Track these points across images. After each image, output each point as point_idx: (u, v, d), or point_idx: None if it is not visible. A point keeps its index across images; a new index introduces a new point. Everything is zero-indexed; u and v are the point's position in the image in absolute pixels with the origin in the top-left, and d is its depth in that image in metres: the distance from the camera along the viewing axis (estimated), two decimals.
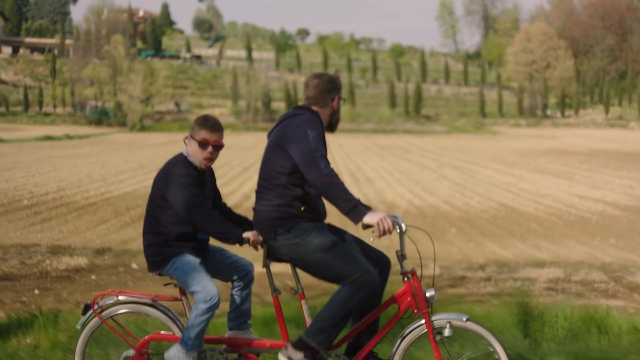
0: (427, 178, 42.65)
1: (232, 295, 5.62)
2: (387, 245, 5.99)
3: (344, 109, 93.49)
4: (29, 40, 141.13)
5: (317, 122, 5.30)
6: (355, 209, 5.02)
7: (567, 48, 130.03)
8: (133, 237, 22.19)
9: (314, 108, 5.41)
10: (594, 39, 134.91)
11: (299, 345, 5.14)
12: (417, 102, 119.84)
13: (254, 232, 5.25)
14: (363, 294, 5.09)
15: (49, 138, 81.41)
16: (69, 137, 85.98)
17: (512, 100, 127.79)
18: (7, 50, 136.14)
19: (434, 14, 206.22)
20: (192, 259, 5.35)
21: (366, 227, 5.07)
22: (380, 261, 5.45)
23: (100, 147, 68.53)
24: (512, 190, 37.15)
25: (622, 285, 14.64)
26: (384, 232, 5.01)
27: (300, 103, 5.59)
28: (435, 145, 79.92)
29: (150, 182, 5.64)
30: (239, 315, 5.62)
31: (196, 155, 5.40)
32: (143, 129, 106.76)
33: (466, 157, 60.58)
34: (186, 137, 5.48)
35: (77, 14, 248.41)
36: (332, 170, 5.05)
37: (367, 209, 5.13)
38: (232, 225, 5.26)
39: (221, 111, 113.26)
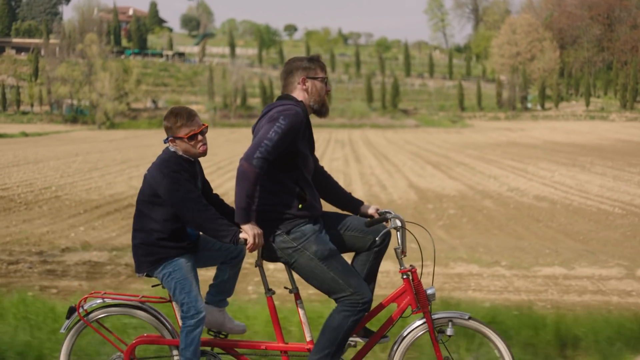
0: None
1: (219, 269, 5.42)
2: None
3: None
4: (16, 40, 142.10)
5: (293, 114, 4.92)
6: (243, 211, 4.81)
7: (552, 39, 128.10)
8: None
9: (292, 95, 5.15)
10: (580, 29, 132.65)
11: None
12: (394, 96, 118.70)
13: (254, 232, 4.87)
14: (356, 315, 4.95)
15: (1, 136, 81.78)
16: (25, 134, 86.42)
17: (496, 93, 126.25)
18: None
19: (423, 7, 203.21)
20: (184, 265, 5.15)
21: None
22: (380, 234, 5.22)
23: (29, 144, 68.37)
24: (357, 179, 36.25)
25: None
26: (252, 247, 4.86)
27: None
28: (388, 139, 79.36)
29: None
30: (221, 291, 5.42)
31: (189, 150, 5.17)
32: (112, 126, 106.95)
33: (384, 151, 59.87)
34: (168, 141, 5.20)
35: (70, 14, 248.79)
36: (260, 166, 4.76)
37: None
38: (228, 222, 4.97)
39: (198, 107, 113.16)
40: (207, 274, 5.91)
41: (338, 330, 4.93)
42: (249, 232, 4.80)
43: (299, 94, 5.11)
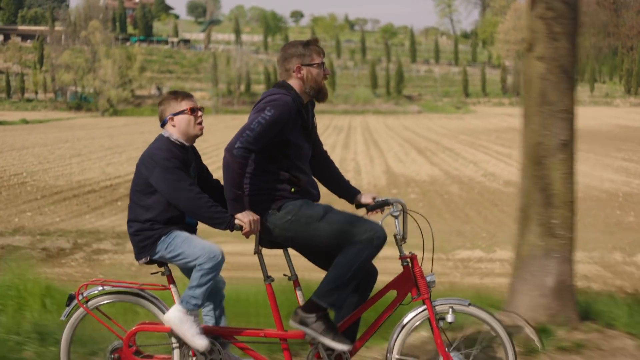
0: None
1: (204, 317, 5.35)
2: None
3: None
4: (22, 27, 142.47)
5: (281, 105, 4.84)
6: (232, 202, 4.79)
7: None
8: None
9: (287, 82, 5.06)
10: (587, 15, 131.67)
11: (310, 307, 4.94)
12: (398, 82, 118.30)
13: (248, 219, 4.85)
14: (371, 250, 4.82)
15: (0, 123, 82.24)
16: (25, 121, 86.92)
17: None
18: None
19: None
20: (181, 232, 5.07)
21: None
22: None
23: (24, 131, 68.79)
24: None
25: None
26: (248, 233, 4.84)
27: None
28: (387, 125, 79.55)
29: None
30: (217, 337, 5.29)
31: (189, 126, 5.14)
32: (116, 113, 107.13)
33: (378, 137, 60.13)
34: (168, 120, 5.16)
35: (76, 1, 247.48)
36: (240, 155, 4.73)
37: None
38: (223, 210, 4.91)
39: (202, 94, 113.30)
40: None
41: (349, 264, 4.82)
42: (243, 219, 4.77)
43: (293, 82, 5.03)
